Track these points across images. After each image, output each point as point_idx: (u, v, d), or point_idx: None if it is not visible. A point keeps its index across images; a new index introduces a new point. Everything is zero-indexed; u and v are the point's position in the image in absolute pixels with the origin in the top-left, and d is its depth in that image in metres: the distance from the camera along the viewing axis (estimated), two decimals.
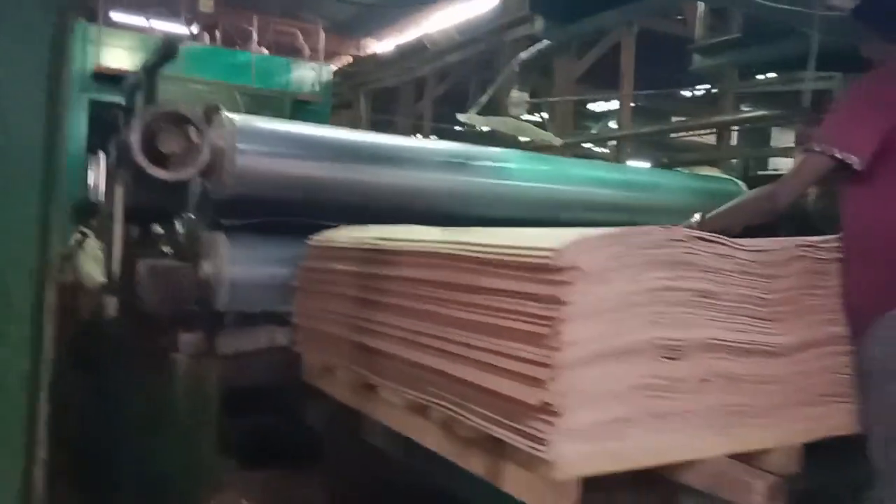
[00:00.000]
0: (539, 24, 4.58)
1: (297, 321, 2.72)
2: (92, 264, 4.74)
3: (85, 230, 4.98)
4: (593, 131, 13.39)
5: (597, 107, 14.45)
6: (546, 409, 1.44)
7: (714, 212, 2.11)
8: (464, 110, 5.23)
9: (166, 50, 3.00)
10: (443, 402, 1.77)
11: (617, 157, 9.37)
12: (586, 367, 1.47)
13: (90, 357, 3.07)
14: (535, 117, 9.61)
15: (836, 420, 1.83)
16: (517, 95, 4.51)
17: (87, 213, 5.36)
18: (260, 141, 2.96)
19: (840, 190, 1.96)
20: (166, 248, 3.28)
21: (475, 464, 1.69)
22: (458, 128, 10.33)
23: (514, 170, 3.64)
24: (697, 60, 5.32)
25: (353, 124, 12.27)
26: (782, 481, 1.56)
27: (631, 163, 8.61)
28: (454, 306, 1.76)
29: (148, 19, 10.79)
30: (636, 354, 1.53)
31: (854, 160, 1.80)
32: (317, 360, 2.59)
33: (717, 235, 1.64)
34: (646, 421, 1.54)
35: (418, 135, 11.63)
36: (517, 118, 4.50)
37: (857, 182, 1.87)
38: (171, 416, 2.87)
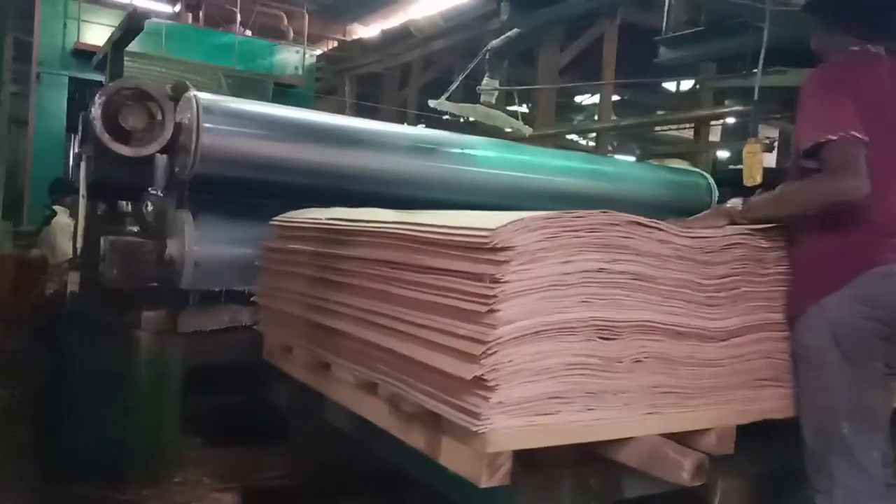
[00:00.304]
0: (505, 10, 4.61)
1: (259, 301, 2.75)
2: (64, 240, 4.75)
3: (56, 207, 4.98)
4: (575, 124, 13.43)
5: (584, 100, 14.47)
6: (480, 385, 1.48)
7: (759, 199, 1.90)
8: (448, 98, 5.23)
9: (131, 24, 2.98)
10: (389, 379, 1.81)
11: (598, 149, 9.42)
12: (520, 344, 1.51)
13: (53, 331, 3.07)
14: (523, 108, 9.61)
15: (771, 403, 1.89)
16: (488, 82, 4.53)
17: (62, 190, 5.35)
18: (226, 120, 2.95)
19: (788, 179, 1.99)
20: (133, 226, 3.29)
21: (416, 438, 1.73)
22: (445, 117, 10.30)
23: (483, 157, 3.66)
24: (663, 53, 5.39)
25: (338, 110, 12.21)
26: (708, 459, 1.61)
27: (613, 156, 8.66)
28: (401, 285, 1.80)
29: None
30: (570, 333, 1.57)
31: (863, 139, 1.74)
32: (277, 340, 2.61)
33: (654, 220, 1.68)
34: (579, 398, 1.59)
35: (405, 124, 11.59)
36: (489, 105, 4.52)
37: (805, 172, 1.88)
38: (133, 394, 2.89)
